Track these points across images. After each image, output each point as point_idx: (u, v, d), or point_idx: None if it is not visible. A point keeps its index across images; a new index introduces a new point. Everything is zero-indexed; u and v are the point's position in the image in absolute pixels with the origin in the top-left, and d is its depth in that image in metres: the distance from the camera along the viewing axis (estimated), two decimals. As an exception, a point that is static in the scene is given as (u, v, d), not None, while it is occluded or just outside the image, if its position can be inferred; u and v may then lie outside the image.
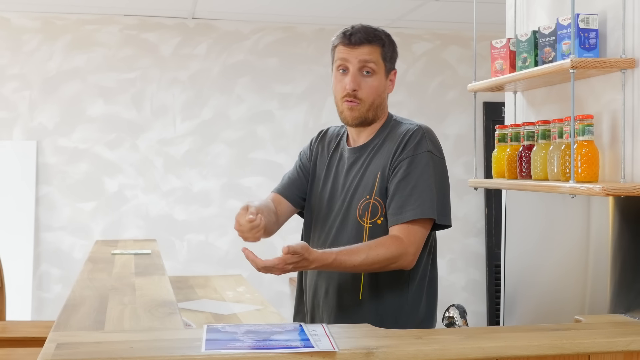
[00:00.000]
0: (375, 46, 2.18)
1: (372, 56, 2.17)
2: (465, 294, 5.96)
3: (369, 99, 2.18)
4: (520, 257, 2.72)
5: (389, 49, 2.22)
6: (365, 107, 2.18)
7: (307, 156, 2.38)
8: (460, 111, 5.98)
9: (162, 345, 1.70)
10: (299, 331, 1.77)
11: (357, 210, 2.16)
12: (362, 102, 2.17)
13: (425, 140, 2.15)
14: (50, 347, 1.61)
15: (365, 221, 2.15)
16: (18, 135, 5.45)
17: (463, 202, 5.92)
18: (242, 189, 5.72)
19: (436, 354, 1.68)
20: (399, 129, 2.21)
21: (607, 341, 1.79)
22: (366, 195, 2.16)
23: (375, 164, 2.18)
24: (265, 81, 5.77)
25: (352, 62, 2.17)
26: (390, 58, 2.22)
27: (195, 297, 3.79)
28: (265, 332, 1.76)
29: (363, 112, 2.18)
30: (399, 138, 2.17)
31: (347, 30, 2.20)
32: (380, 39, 2.19)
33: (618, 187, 1.98)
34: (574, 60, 2.10)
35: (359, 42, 2.17)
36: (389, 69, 2.23)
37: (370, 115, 2.20)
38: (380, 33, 2.21)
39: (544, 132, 2.30)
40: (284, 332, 1.77)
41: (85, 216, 5.51)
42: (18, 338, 3.27)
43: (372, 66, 2.17)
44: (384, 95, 2.23)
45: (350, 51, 2.17)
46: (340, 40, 2.20)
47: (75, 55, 5.53)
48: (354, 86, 2.16)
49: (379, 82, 2.19)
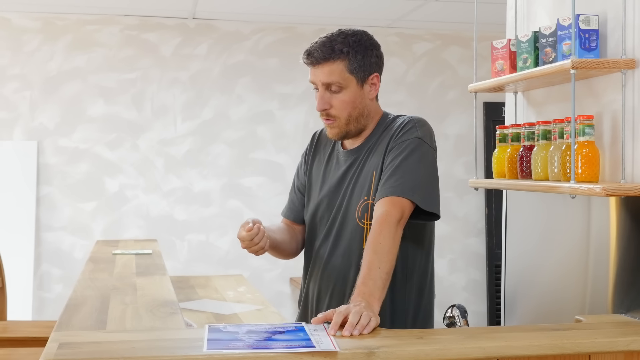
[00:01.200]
0: (336, 62, 2.08)
1: (334, 75, 2.08)
2: (466, 294, 5.97)
3: (343, 114, 2.12)
4: (521, 257, 2.73)
5: (356, 58, 2.10)
6: (343, 122, 2.13)
7: (303, 170, 2.37)
8: (460, 111, 5.98)
9: (164, 345, 1.70)
10: (300, 331, 1.78)
11: (356, 212, 2.14)
12: (337, 119, 2.13)
13: (415, 128, 2.12)
14: (53, 347, 1.62)
15: (364, 223, 2.12)
16: (19, 136, 5.45)
17: (463, 202, 5.93)
18: (243, 189, 5.72)
19: (437, 353, 1.68)
20: (392, 125, 2.18)
21: (607, 341, 1.79)
22: (364, 196, 2.13)
23: (370, 163, 2.16)
24: (266, 81, 5.77)
25: (317, 82, 2.12)
26: (361, 66, 2.11)
27: (196, 297, 3.80)
28: (267, 332, 1.76)
29: (342, 127, 2.14)
30: (392, 132, 2.14)
31: (308, 48, 2.11)
32: (341, 52, 2.08)
33: (618, 188, 1.98)
34: (575, 60, 2.10)
35: (317, 61, 2.09)
36: (362, 77, 2.12)
37: (352, 127, 2.15)
38: (343, 44, 2.09)
39: (545, 132, 2.30)
40: (286, 332, 1.77)
41: (85, 216, 5.51)
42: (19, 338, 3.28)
43: (338, 83, 2.09)
44: (362, 104, 2.14)
45: (314, 71, 2.11)
46: (303, 59, 2.14)
47: (76, 56, 5.54)
48: (323, 106, 2.11)
49: (351, 95, 2.11)
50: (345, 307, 1.81)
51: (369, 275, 1.92)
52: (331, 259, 2.19)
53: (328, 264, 2.20)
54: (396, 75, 5.89)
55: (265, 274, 5.71)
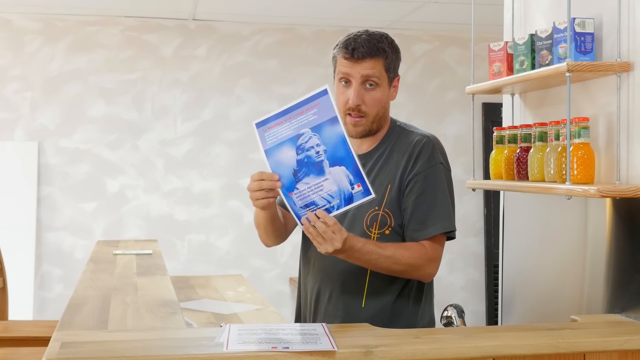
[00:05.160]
0: (378, 59, 2.12)
1: (375, 70, 2.11)
2: (464, 294, 5.99)
3: (373, 111, 2.15)
4: (518, 258, 2.75)
5: (392, 59, 2.16)
6: (370, 120, 2.16)
7: None
8: (459, 112, 6.00)
9: (165, 344, 1.72)
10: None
11: (365, 220, 2.14)
12: (367, 116, 2.15)
13: (436, 152, 2.15)
14: (55, 346, 1.64)
15: (373, 232, 2.13)
16: (20, 136, 5.47)
17: (462, 203, 5.95)
18: (242, 189, 5.73)
19: (434, 352, 1.71)
20: (406, 138, 2.19)
21: (602, 340, 1.81)
22: (375, 206, 2.13)
23: (384, 175, 2.16)
24: (266, 82, 5.79)
25: (354, 76, 2.13)
26: (393, 68, 2.17)
27: (196, 297, 3.81)
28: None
29: (368, 125, 2.16)
30: (410, 150, 2.15)
31: (350, 43, 2.12)
32: (383, 51, 2.13)
33: (613, 189, 2.01)
34: (570, 63, 2.12)
35: (362, 56, 2.11)
36: (392, 77, 2.18)
37: (375, 126, 2.18)
38: (384, 44, 2.14)
39: (541, 134, 2.32)
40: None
41: (86, 216, 5.53)
42: (20, 338, 3.30)
43: (376, 80, 2.13)
44: (387, 105, 2.20)
45: (352, 65, 2.12)
46: (342, 53, 2.14)
47: (77, 57, 5.56)
48: (358, 101, 2.12)
49: (382, 94, 2.15)
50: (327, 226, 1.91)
51: (377, 244, 2.04)
52: (334, 262, 2.17)
53: (330, 266, 2.19)
54: (395, 76, 5.90)
55: (265, 274, 5.73)
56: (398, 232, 2.14)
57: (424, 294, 2.21)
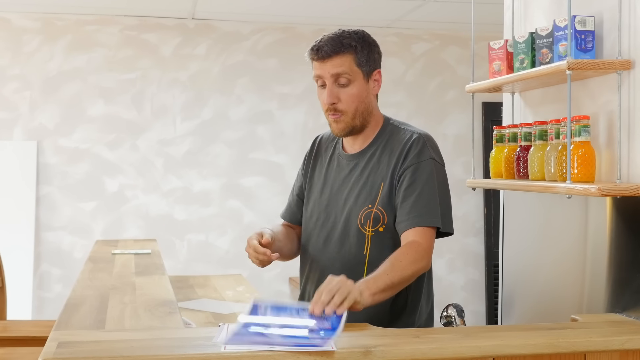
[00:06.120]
0: (345, 55, 2.13)
1: (343, 67, 2.13)
2: (464, 294, 5.98)
3: (351, 107, 2.15)
4: (518, 257, 2.74)
5: (363, 53, 2.15)
6: (350, 117, 2.16)
7: (303, 174, 2.38)
8: (459, 111, 6.00)
9: (163, 344, 1.71)
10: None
11: (359, 218, 2.15)
12: (345, 113, 2.16)
13: (427, 147, 2.15)
14: (52, 346, 1.63)
15: (367, 229, 2.14)
16: (19, 136, 5.47)
17: (462, 202, 5.94)
18: (242, 189, 5.73)
19: (434, 352, 1.70)
20: (398, 135, 2.19)
21: (602, 340, 1.80)
22: (368, 204, 2.14)
23: (377, 173, 2.17)
24: (265, 82, 5.78)
25: (325, 76, 2.15)
26: (367, 61, 2.16)
27: (195, 297, 3.80)
28: None
29: (348, 122, 2.17)
30: (401, 147, 2.16)
31: (315, 44, 2.16)
32: (349, 46, 2.13)
33: (614, 188, 2.00)
34: (571, 61, 2.11)
35: (327, 55, 2.13)
36: (368, 71, 2.17)
37: (358, 122, 2.18)
38: (351, 39, 2.15)
39: (541, 132, 2.31)
40: None
41: (85, 216, 5.53)
42: (19, 337, 3.29)
43: (347, 76, 2.13)
44: (368, 99, 2.19)
45: (321, 65, 2.15)
46: (310, 56, 2.17)
47: (76, 56, 5.55)
48: (332, 100, 2.14)
49: (358, 89, 2.15)
50: (327, 287, 1.84)
51: (374, 276, 1.96)
52: (331, 262, 2.19)
53: (327, 267, 2.19)
54: (395, 76, 5.90)
55: (264, 274, 5.71)
56: (392, 229, 2.13)
57: (423, 293, 2.20)
